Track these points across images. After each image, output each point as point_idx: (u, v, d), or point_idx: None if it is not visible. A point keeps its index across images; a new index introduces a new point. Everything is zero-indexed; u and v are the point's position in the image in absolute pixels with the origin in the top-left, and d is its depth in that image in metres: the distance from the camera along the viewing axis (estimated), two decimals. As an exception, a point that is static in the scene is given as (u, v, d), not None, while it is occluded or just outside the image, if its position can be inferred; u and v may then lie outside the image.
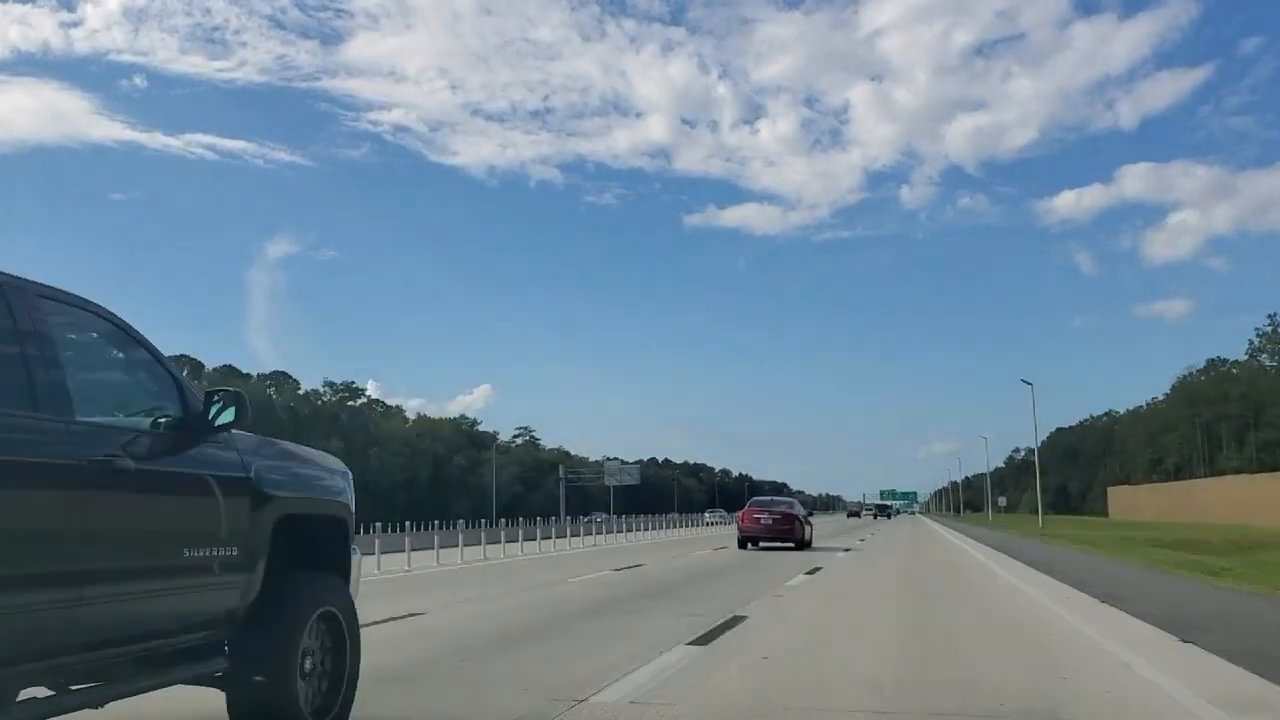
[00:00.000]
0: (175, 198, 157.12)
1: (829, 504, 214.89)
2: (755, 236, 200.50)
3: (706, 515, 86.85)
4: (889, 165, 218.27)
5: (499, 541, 29.68)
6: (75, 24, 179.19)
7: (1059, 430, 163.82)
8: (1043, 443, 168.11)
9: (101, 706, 3.95)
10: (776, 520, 28.49)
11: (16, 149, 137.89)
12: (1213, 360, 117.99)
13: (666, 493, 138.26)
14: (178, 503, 4.19)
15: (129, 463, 3.81)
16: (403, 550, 22.41)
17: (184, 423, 4.28)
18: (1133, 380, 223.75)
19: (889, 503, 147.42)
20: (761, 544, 28.35)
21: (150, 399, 4.31)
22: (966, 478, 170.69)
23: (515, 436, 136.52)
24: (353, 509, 5.41)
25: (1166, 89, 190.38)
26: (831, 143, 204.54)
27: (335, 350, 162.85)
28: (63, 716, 3.75)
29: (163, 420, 4.24)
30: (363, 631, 5.29)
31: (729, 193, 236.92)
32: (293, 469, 4.97)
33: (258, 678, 4.51)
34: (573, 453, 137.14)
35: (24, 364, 3.59)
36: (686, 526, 63.15)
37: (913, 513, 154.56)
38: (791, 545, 27.96)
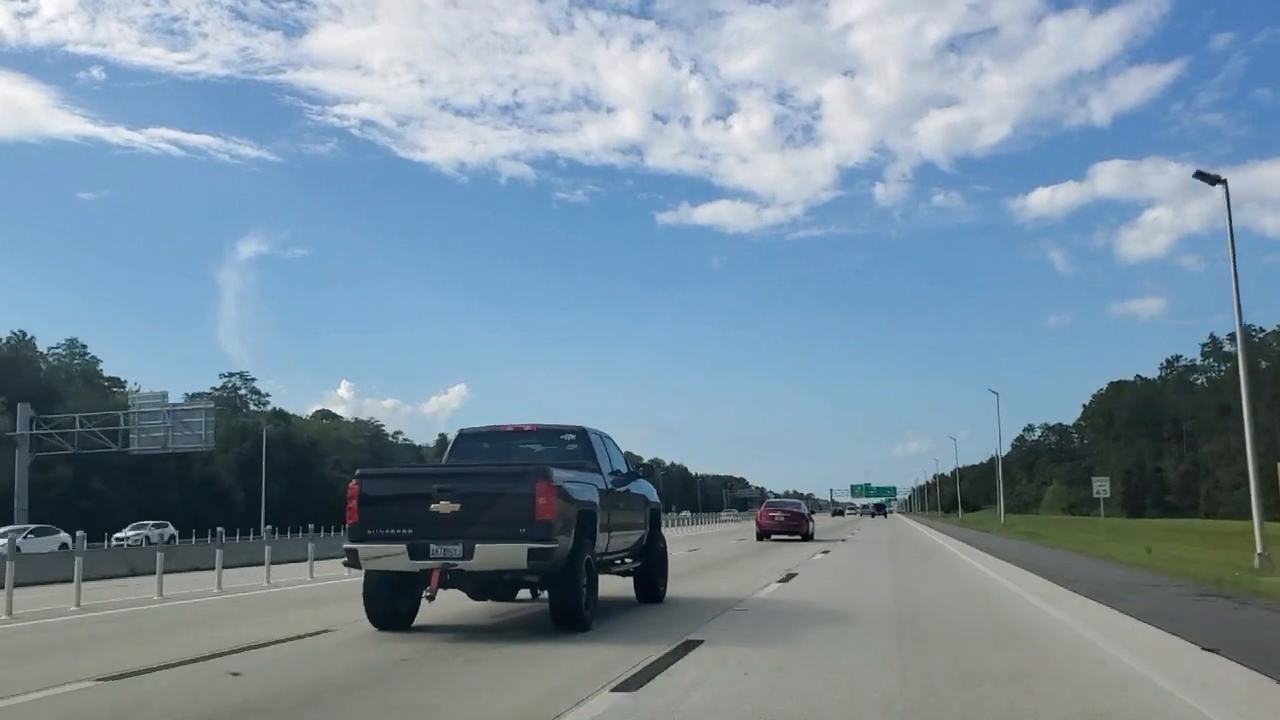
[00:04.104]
0: (140, 194, 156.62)
1: None
2: (729, 234, 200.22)
3: None
4: (862, 162, 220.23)
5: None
6: (29, 14, 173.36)
7: (1113, 387, 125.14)
8: (1089, 406, 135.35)
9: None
10: (788, 518, 36.60)
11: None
12: None
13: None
14: (629, 504, 11.64)
15: (615, 487, 11.26)
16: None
17: (626, 475, 11.75)
18: (1098, 384, 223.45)
19: (881, 499, 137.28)
20: (774, 537, 36.02)
21: (613, 464, 11.72)
22: (958, 469, 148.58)
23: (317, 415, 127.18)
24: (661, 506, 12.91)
25: (1139, 85, 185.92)
26: (804, 139, 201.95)
27: (309, 350, 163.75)
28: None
29: (621, 472, 11.69)
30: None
31: (702, 190, 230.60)
32: (650, 489, 12.47)
33: (648, 568, 12.00)
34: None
35: (606, 456, 11.13)
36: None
37: (890, 511, 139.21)
38: (799, 538, 35.64)
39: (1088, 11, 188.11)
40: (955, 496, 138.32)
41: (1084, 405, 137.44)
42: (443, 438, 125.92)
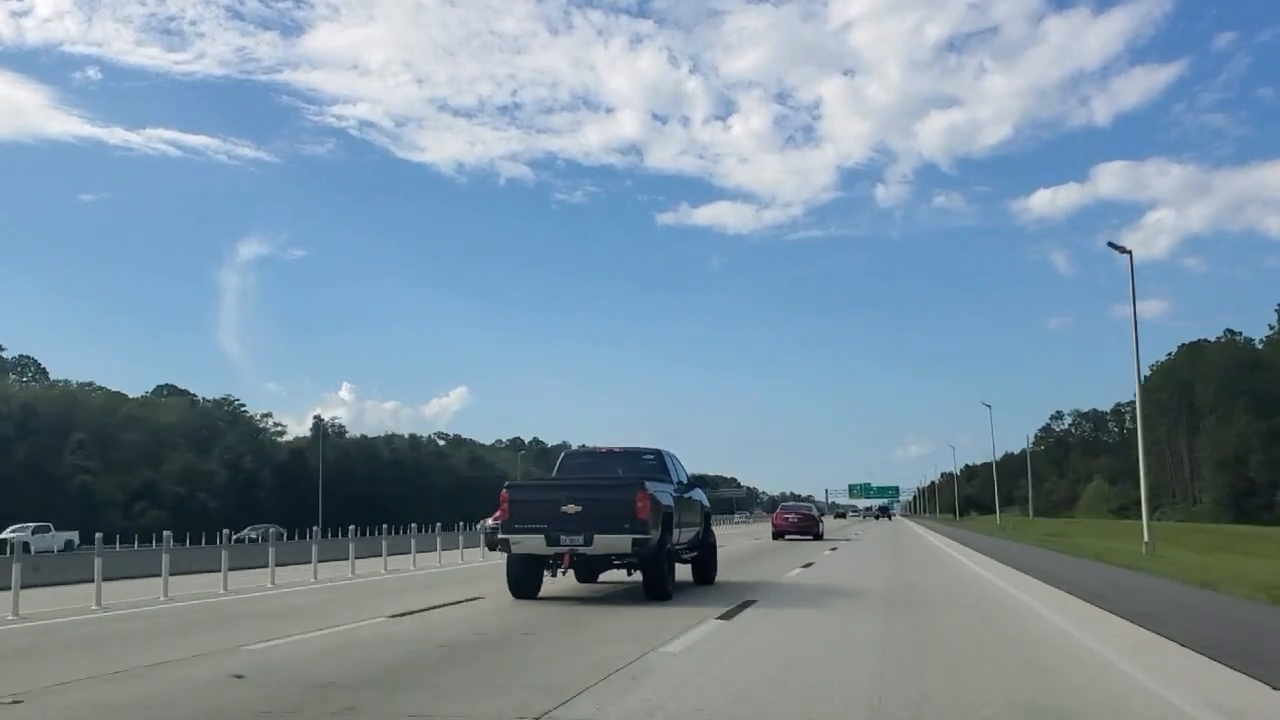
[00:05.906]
0: (139, 196, 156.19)
1: None
2: (728, 235, 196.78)
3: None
4: (862, 163, 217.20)
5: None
6: (25, 13, 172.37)
7: (1187, 352, 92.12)
8: (1149, 379, 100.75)
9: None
10: (801, 519, 40.90)
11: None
12: None
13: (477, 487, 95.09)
14: (689, 506, 15.22)
15: (680, 494, 14.84)
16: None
17: (685, 484, 15.34)
18: (1113, 381, 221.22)
19: (884, 501, 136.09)
20: (788, 536, 39.75)
21: (679, 476, 15.29)
22: (969, 466, 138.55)
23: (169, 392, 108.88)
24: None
25: (1140, 85, 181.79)
26: (804, 139, 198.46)
27: (310, 352, 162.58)
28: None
29: (683, 483, 15.25)
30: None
31: (701, 190, 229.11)
32: (702, 494, 16.07)
33: (703, 557, 15.58)
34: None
35: (675, 470, 14.78)
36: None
37: (893, 514, 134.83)
38: (810, 538, 39.30)
39: (1089, 11, 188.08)
40: (968, 497, 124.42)
41: (1143, 378, 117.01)
42: (318, 420, 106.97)
